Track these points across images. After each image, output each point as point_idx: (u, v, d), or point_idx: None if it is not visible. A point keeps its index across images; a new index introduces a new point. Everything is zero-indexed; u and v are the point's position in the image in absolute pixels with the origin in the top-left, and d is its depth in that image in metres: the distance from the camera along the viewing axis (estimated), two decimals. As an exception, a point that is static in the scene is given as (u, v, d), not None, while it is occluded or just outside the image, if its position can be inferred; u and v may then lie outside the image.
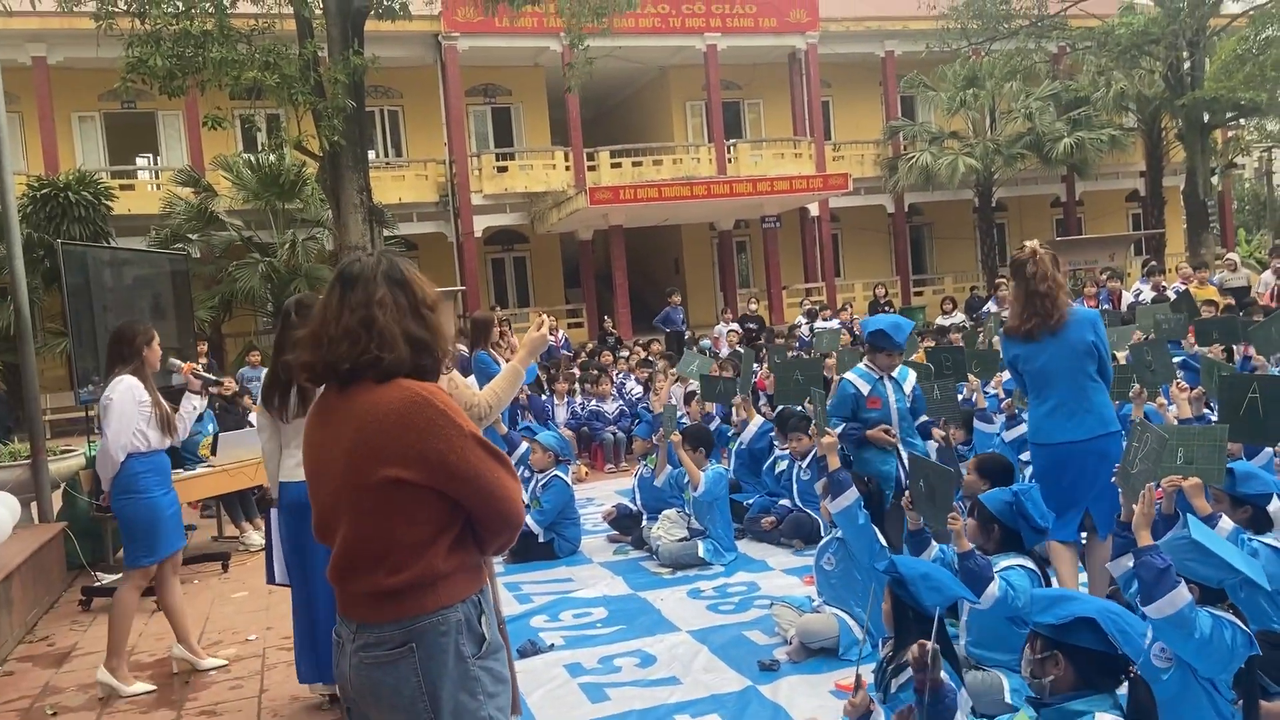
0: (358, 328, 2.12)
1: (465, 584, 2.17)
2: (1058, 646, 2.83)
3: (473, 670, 2.14)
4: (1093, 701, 2.78)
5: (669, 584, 6.27)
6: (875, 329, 5.73)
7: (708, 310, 23.38)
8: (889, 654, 3.46)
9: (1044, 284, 4.55)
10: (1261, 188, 34.23)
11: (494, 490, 2.12)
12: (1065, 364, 4.52)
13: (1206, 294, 13.43)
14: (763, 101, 25.10)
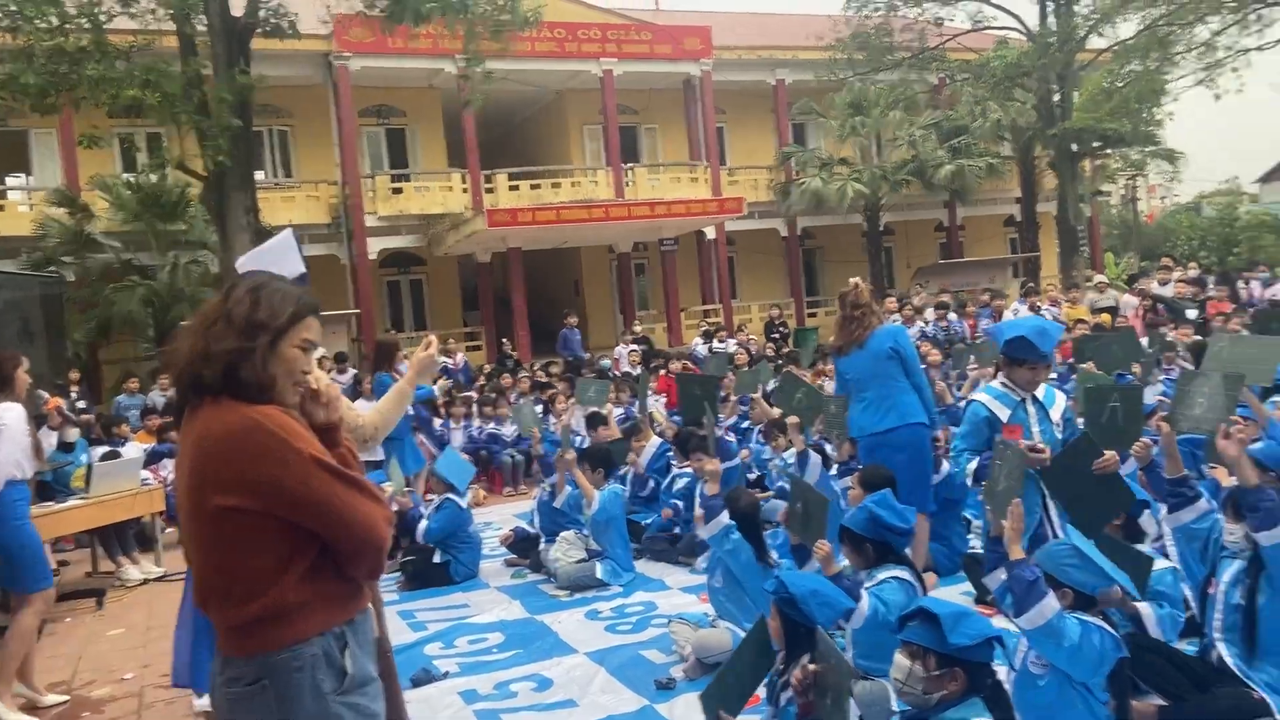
0: (194, 346, 2.08)
1: (324, 616, 2.08)
2: (959, 663, 2.86)
3: (333, 708, 2.05)
4: (964, 709, 2.85)
5: (567, 606, 6.25)
6: (1014, 336, 4.41)
7: (608, 332, 23.45)
8: (780, 667, 3.51)
9: (856, 310, 5.73)
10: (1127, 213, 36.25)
11: (343, 515, 2.04)
12: (872, 370, 5.64)
13: (1078, 313, 14.14)
14: (659, 126, 25.43)
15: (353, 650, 2.11)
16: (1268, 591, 3.62)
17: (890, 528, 4.21)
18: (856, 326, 5.73)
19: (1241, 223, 30.93)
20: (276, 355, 2.11)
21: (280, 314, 2.13)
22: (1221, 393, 4.00)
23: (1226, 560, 3.86)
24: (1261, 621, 3.65)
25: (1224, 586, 3.81)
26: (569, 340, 17.46)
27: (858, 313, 5.77)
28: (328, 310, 18.97)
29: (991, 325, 4.43)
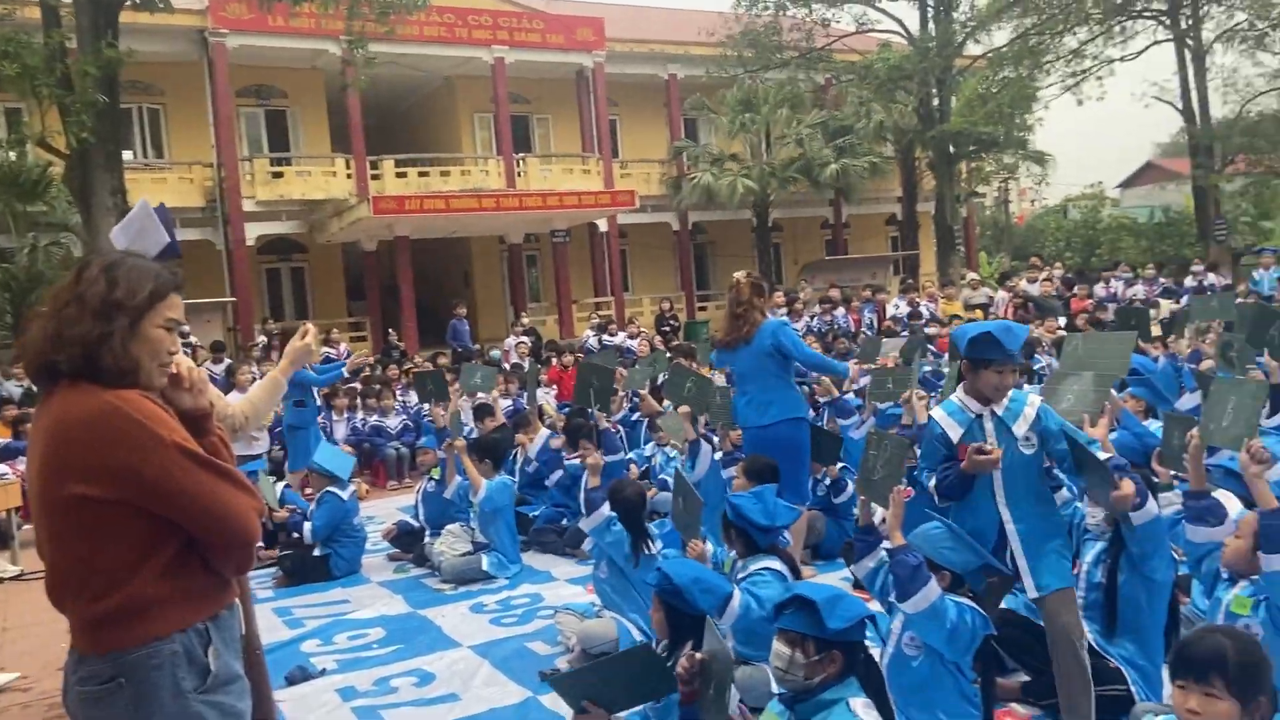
0: (46, 331, 1.95)
1: (186, 611, 1.99)
2: (836, 646, 2.89)
3: (194, 706, 1.97)
4: (842, 689, 2.88)
5: (451, 600, 6.16)
6: (977, 335, 3.69)
7: (498, 323, 23.20)
8: (662, 655, 3.52)
9: (739, 307, 5.85)
10: (1000, 214, 37.86)
11: (209, 505, 1.95)
12: (754, 366, 5.75)
13: (953, 309, 14.68)
14: (552, 117, 25.27)
15: (216, 647, 2.03)
16: (1127, 570, 3.82)
17: (751, 522, 4.22)
18: (743, 324, 5.82)
19: (1103, 225, 32.63)
20: (138, 337, 2.00)
21: (138, 292, 2.02)
22: (1091, 389, 4.17)
23: (1089, 542, 4.05)
24: (1121, 599, 3.84)
25: (1086, 566, 4.00)
26: (458, 331, 17.21)
27: (740, 310, 5.89)
28: (202, 298, 18.22)
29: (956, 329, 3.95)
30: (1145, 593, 3.80)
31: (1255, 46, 22.29)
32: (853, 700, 2.84)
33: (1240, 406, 3.70)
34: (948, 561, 3.59)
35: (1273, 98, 23.15)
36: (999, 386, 3.66)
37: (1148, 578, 3.79)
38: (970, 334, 3.71)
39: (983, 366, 3.66)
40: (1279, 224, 29.56)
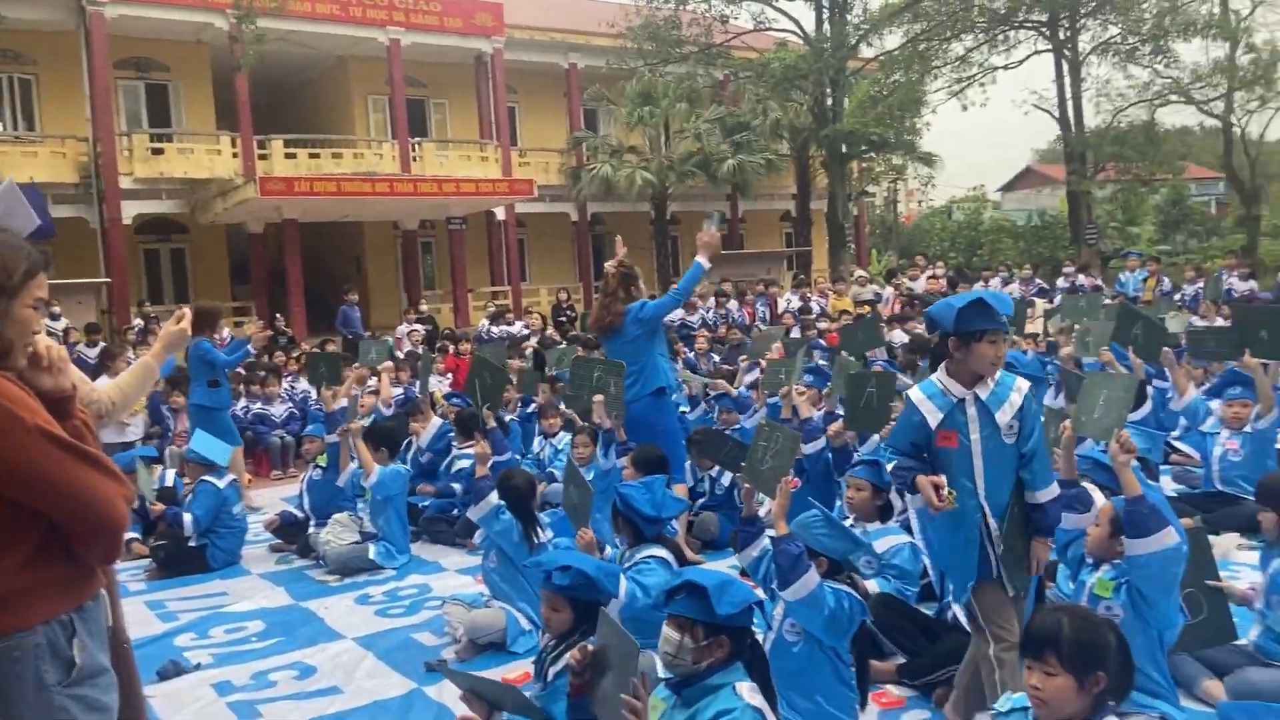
0: None
1: (50, 602, 1.92)
2: (725, 631, 2.92)
3: (57, 700, 1.91)
4: (728, 674, 2.92)
5: (335, 591, 6.03)
6: (965, 304, 3.36)
7: (391, 311, 22.74)
8: (548, 643, 3.52)
9: (606, 297, 6.29)
10: (888, 214, 39.00)
11: (73, 492, 1.88)
12: (629, 349, 6.18)
13: (844, 305, 15.06)
14: (449, 102, 24.87)
15: (82, 639, 1.97)
16: None
17: (638, 512, 4.26)
18: (606, 314, 6.26)
19: (985, 227, 33.97)
20: (10, 317, 1.91)
21: (13, 271, 1.94)
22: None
23: None
24: None
25: None
26: (349, 318, 16.80)
27: (606, 300, 6.25)
28: (74, 278, 17.34)
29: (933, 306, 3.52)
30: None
31: (1126, 59, 23.48)
32: (739, 684, 2.88)
33: (1111, 400, 3.89)
34: (824, 548, 3.70)
35: (1142, 109, 24.43)
36: (995, 359, 3.35)
37: None
38: (959, 304, 3.35)
39: (975, 339, 3.32)
40: (1144, 229, 31.26)
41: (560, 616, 3.41)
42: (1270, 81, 23.39)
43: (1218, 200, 39.88)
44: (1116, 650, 2.50)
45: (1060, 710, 2.49)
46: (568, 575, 3.40)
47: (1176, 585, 3.41)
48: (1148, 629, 3.35)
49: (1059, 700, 2.48)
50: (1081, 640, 2.48)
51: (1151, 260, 17.29)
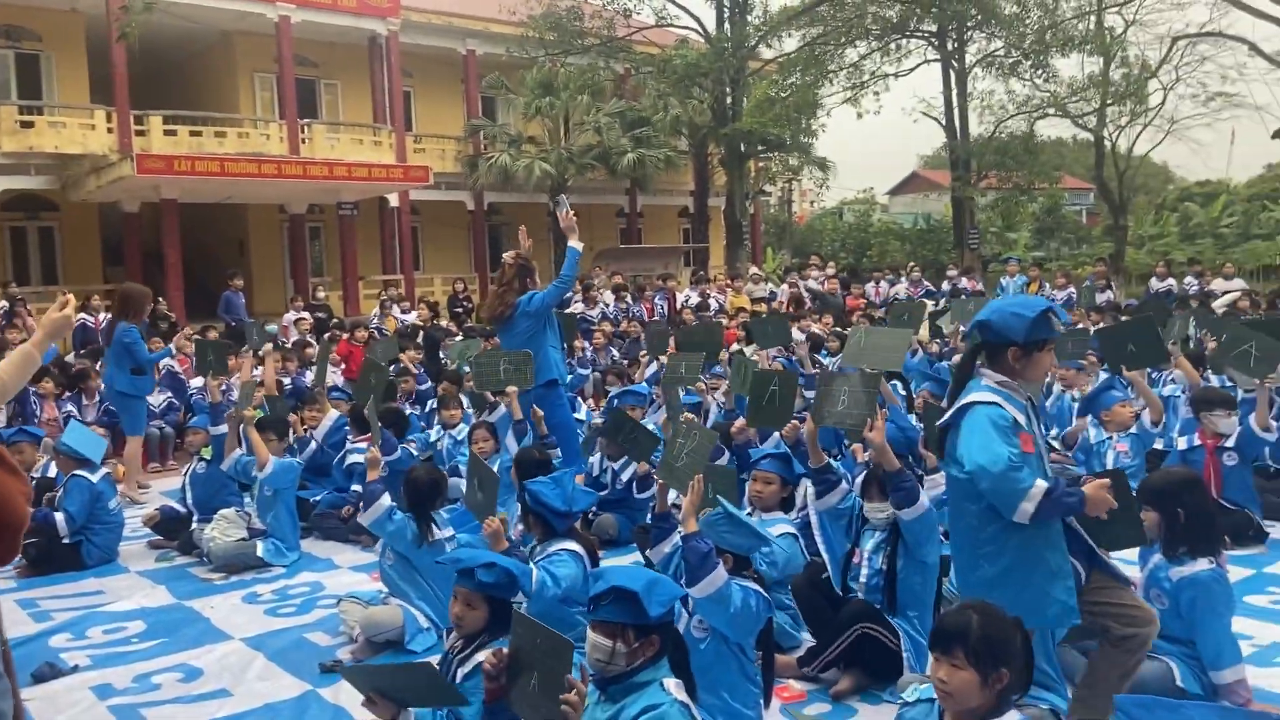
0: None
1: None
2: (657, 630, 2.91)
3: None
4: (655, 670, 2.92)
5: (221, 590, 5.80)
6: (1038, 315, 3.34)
7: (277, 297, 21.98)
8: (455, 643, 3.44)
9: (500, 287, 6.53)
10: (782, 214, 39.74)
11: None
12: (519, 340, 6.42)
13: (740, 301, 15.27)
14: (341, 83, 24.14)
15: None
16: (905, 558, 4.14)
17: (548, 507, 4.24)
18: (498, 304, 6.47)
19: (874, 229, 34.94)
20: None
21: None
22: (862, 390, 4.40)
23: (868, 532, 4.33)
24: (900, 582, 4.16)
25: (867, 554, 4.28)
26: (232, 304, 16.14)
27: (501, 289, 6.44)
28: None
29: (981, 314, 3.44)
30: (919, 575, 4.13)
31: (1009, 73, 24.43)
32: (665, 680, 2.88)
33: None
34: (729, 545, 3.74)
35: (1022, 120, 25.48)
36: (1050, 367, 3.43)
37: (921, 562, 4.10)
38: (1029, 314, 3.30)
39: (1038, 348, 3.34)
40: (1021, 236, 32.68)
41: (475, 615, 3.33)
42: (1140, 98, 24.73)
43: (1088, 210, 42.00)
44: (1021, 648, 2.59)
45: (964, 703, 2.57)
46: (492, 573, 3.33)
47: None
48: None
49: (964, 694, 2.56)
50: (989, 637, 2.55)
51: (1033, 266, 18.09)
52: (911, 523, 4.03)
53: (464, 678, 3.23)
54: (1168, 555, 3.95)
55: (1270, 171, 37.37)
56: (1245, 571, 5.35)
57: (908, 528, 4.05)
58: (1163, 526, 3.96)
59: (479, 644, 3.28)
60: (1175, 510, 3.93)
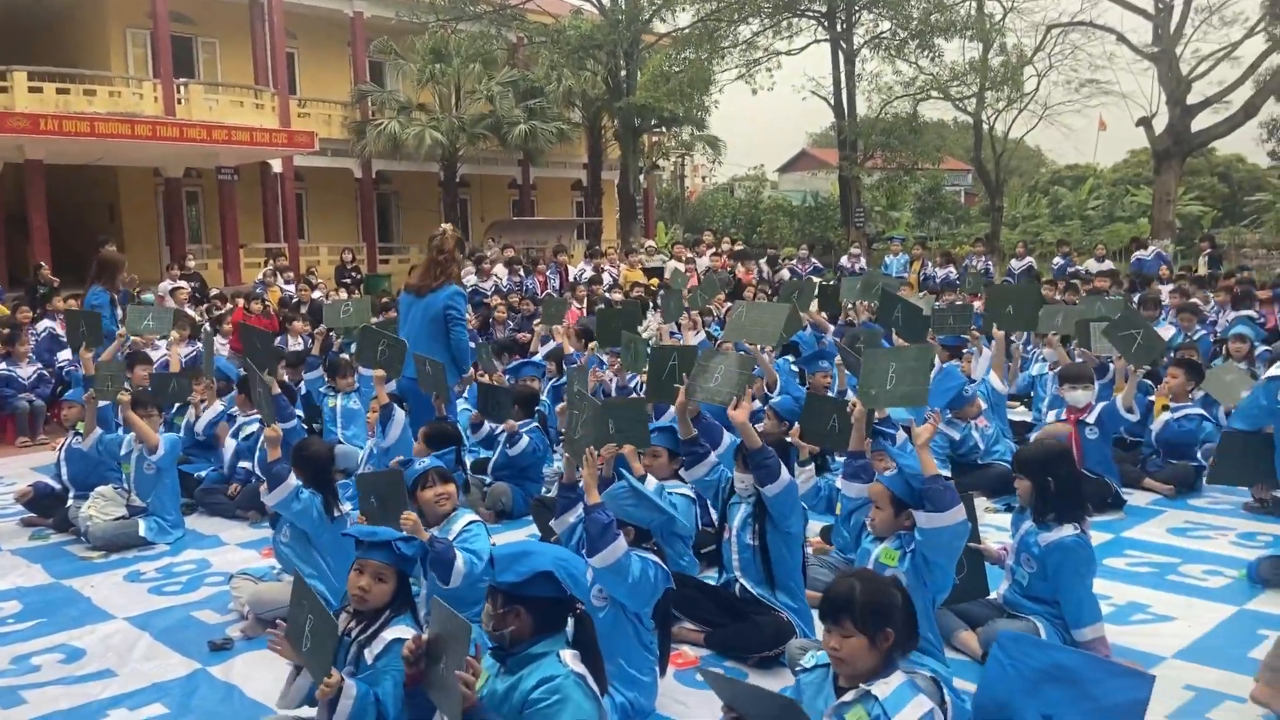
0: None
1: None
2: (518, 600, 2.95)
3: None
4: (551, 643, 2.97)
5: (102, 569, 5.61)
6: None
7: (151, 265, 21.02)
8: (350, 624, 3.41)
9: (441, 255, 6.30)
10: (675, 189, 39.98)
11: None
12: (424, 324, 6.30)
13: (635, 276, 15.36)
14: (220, 42, 23.12)
15: None
16: (773, 533, 4.28)
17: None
18: (439, 273, 6.29)
19: (764, 205, 35.48)
20: None
21: None
22: (735, 370, 4.53)
23: (735, 505, 4.45)
24: (773, 559, 4.29)
25: (735, 530, 4.40)
26: (104, 271, 15.36)
27: (441, 258, 6.27)
28: None
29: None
30: (785, 546, 4.28)
31: (895, 55, 25.06)
32: (562, 653, 2.93)
33: (904, 371, 4.06)
34: (631, 518, 3.83)
35: (906, 102, 26.19)
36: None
37: (786, 533, 4.26)
38: None
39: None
40: (904, 215, 33.72)
41: (383, 588, 3.31)
42: (1016, 83, 25.71)
43: (966, 191, 43.60)
44: (902, 608, 2.77)
45: (856, 666, 2.74)
46: (412, 545, 3.36)
47: (958, 553, 3.77)
48: (925, 593, 3.69)
49: (855, 658, 2.74)
50: (871, 602, 2.73)
51: (917, 246, 18.74)
52: (774, 497, 4.18)
53: (376, 658, 3.22)
54: (1037, 521, 4.20)
55: (1134, 157, 39.44)
56: (1105, 536, 5.73)
57: (771, 502, 4.19)
58: (1034, 494, 4.21)
59: (384, 621, 3.27)
60: (1046, 479, 4.17)
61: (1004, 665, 2.42)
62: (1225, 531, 5.80)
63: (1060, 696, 2.31)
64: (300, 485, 4.69)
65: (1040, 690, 2.34)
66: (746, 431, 4.17)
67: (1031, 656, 2.43)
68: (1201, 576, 5.09)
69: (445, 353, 6.40)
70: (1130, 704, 2.30)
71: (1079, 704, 2.29)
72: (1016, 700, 2.32)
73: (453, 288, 6.41)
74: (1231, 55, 22.96)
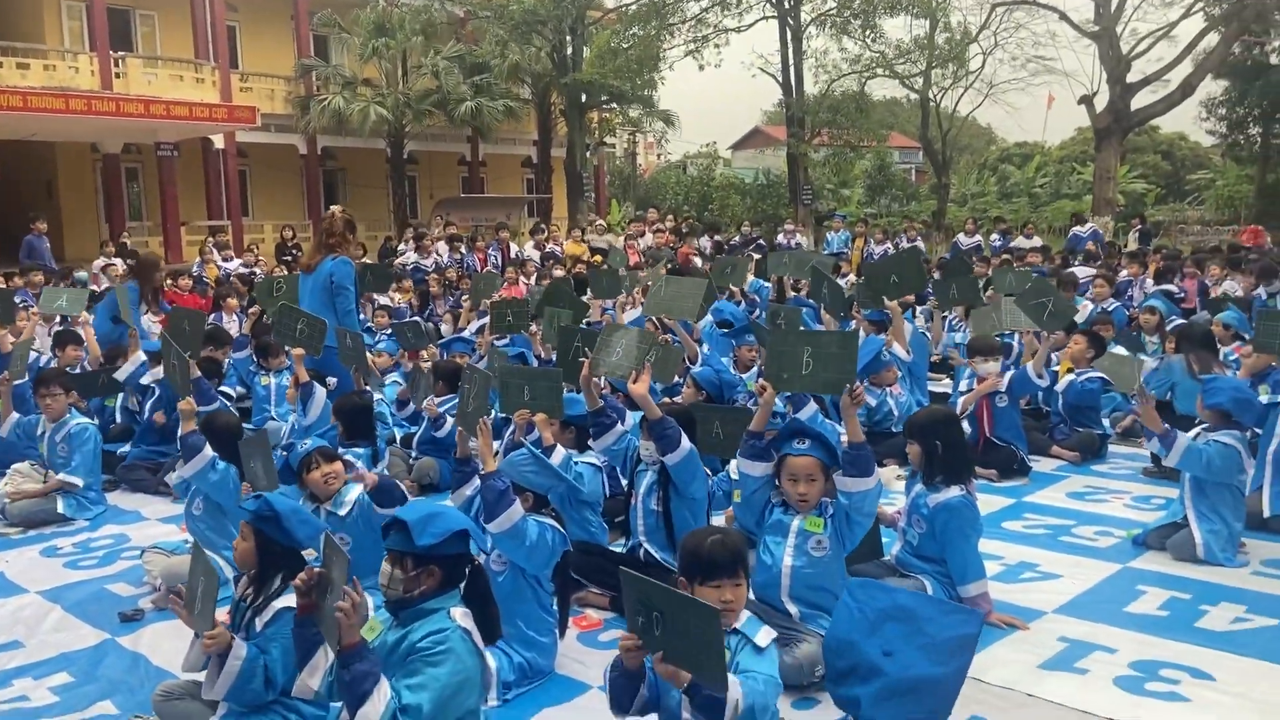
0: None
1: None
2: (432, 560, 3.02)
3: None
4: (445, 599, 3.06)
5: (17, 544, 5.61)
6: None
7: (89, 243, 20.66)
8: (246, 591, 3.48)
9: (331, 238, 6.59)
10: (627, 165, 39.95)
11: None
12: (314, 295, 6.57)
13: (577, 250, 15.42)
14: (158, 15, 22.69)
15: None
16: (676, 499, 4.42)
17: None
18: (322, 251, 6.52)
19: (716, 183, 35.60)
20: None
21: None
22: (636, 345, 4.64)
23: (642, 472, 4.59)
24: (676, 524, 4.42)
25: (641, 496, 4.54)
26: (35, 248, 15.12)
27: (331, 240, 6.43)
28: None
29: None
30: (688, 511, 4.42)
31: (841, 32, 25.22)
32: (453, 609, 3.03)
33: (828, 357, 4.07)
34: (530, 484, 3.93)
35: (853, 80, 26.40)
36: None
37: (689, 499, 4.40)
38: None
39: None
40: (854, 192, 34.01)
41: (246, 547, 3.41)
42: (961, 61, 26.02)
43: (917, 168, 44.05)
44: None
45: (738, 612, 2.94)
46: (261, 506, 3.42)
47: (874, 514, 3.92)
48: (841, 554, 3.84)
49: (741, 603, 2.95)
50: (744, 551, 3.01)
51: (859, 223, 18.94)
52: (676, 465, 4.31)
53: (265, 625, 3.29)
54: (926, 483, 4.37)
55: (1080, 134, 40.10)
56: (1007, 501, 5.94)
57: (674, 470, 4.32)
58: (923, 458, 4.37)
59: (276, 590, 3.34)
60: (934, 443, 4.34)
61: (851, 608, 2.57)
62: (1121, 495, 6.03)
63: (897, 632, 2.46)
64: (215, 457, 4.75)
65: (880, 628, 2.49)
66: (646, 403, 4.28)
67: (875, 599, 2.58)
68: (1092, 537, 5.30)
69: (334, 321, 6.50)
70: (961, 638, 2.46)
71: (914, 639, 2.44)
72: (859, 639, 2.47)
73: (339, 259, 6.57)
74: (1169, 34, 23.43)
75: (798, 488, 3.84)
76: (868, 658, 2.40)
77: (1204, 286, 11.05)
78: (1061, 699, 3.56)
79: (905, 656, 2.39)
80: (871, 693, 2.36)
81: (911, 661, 2.38)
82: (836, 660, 2.46)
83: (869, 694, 2.36)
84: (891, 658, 2.38)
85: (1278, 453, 5.26)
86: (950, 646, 2.44)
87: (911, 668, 2.38)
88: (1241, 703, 3.50)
